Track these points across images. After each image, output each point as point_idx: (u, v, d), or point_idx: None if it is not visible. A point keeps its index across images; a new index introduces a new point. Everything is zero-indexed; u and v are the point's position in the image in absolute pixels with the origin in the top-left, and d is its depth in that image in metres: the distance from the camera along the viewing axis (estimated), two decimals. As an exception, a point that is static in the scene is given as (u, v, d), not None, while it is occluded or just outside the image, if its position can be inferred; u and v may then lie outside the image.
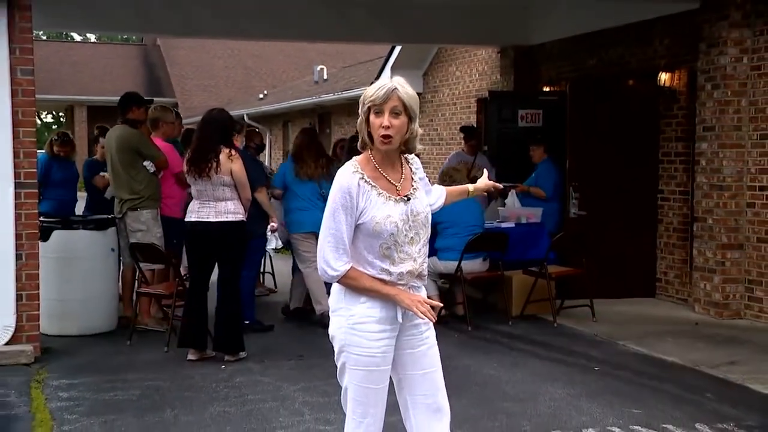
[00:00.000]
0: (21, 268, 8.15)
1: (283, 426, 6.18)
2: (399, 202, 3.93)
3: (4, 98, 8.01)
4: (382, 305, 3.92)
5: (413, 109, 3.87)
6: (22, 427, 6.22)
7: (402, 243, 3.92)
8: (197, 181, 7.91)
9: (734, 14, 9.84)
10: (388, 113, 3.81)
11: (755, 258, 9.88)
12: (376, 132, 3.85)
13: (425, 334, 4.05)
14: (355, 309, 3.93)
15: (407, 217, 3.92)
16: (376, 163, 3.94)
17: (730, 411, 6.55)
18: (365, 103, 3.88)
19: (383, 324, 3.92)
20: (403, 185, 3.98)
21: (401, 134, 3.87)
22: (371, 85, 3.94)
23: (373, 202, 3.87)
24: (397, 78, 3.91)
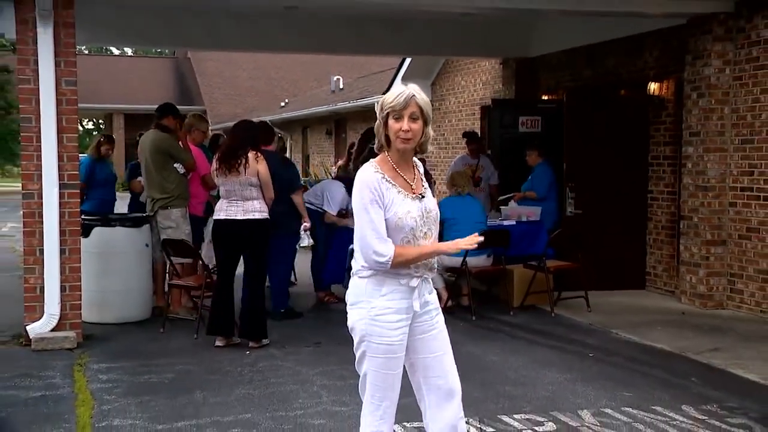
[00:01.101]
0: (64, 262, 8.18)
1: (302, 407, 6.18)
2: (415, 200, 3.96)
3: (50, 107, 8.04)
4: (401, 296, 3.94)
5: (428, 114, 3.92)
6: (66, 406, 6.23)
7: (419, 237, 3.95)
8: (226, 180, 7.93)
9: (717, 29, 9.83)
10: (407, 118, 3.84)
11: (737, 253, 9.86)
12: (395, 135, 3.89)
13: (435, 319, 4.06)
14: (375, 302, 3.93)
15: (422, 213, 3.96)
16: (394, 164, 3.97)
17: (713, 393, 6.53)
18: (384, 109, 3.90)
19: (401, 314, 3.93)
20: (416, 184, 4.01)
21: (418, 137, 3.90)
22: (387, 92, 3.96)
23: (395, 199, 3.90)
24: (412, 85, 3.93)
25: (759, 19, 9.48)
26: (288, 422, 5.82)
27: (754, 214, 9.61)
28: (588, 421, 5.85)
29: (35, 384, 6.85)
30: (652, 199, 11.37)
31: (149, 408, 6.17)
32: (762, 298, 9.50)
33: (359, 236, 3.97)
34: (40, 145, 8.07)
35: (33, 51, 8.01)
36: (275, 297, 9.44)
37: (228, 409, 6.13)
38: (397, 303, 3.94)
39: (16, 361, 7.60)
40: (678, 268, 10.59)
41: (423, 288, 4.02)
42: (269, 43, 14.57)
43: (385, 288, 3.94)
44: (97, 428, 5.73)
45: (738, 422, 5.86)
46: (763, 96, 9.44)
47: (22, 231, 8.39)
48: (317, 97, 29.44)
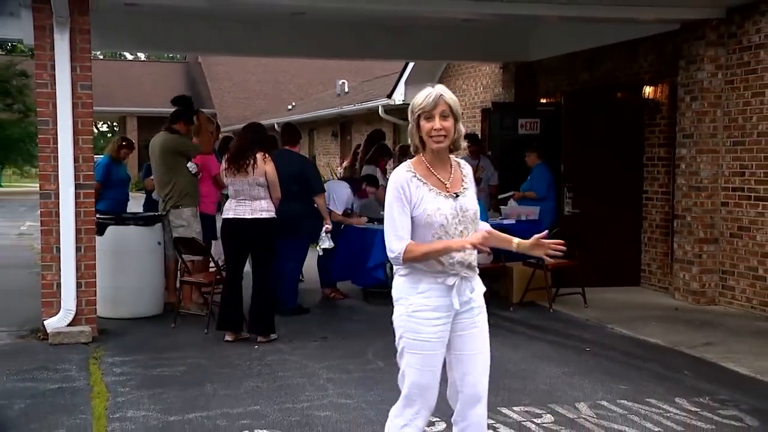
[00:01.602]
0: (80, 260, 8.20)
1: (309, 399, 6.19)
2: (449, 198, 3.89)
3: (66, 110, 8.05)
4: (438, 294, 3.89)
5: (458, 111, 3.88)
6: (82, 398, 6.25)
7: (452, 235, 3.88)
8: (235, 179, 7.94)
9: (710, 35, 9.83)
10: (438, 117, 3.80)
11: (728, 251, 9.86)
12: (428, 135, 3.84)
13: (476, 318, 4.01)
14: (412, 299, 3.90)
15: (456, 212, 3.89)
16: (428, 164, 3.92)
17: (705, 386, 6.54)
18: (415, 111, 3.86)
19: (438, 312, 3.88)
20: (452, 183, 3.94)
21: (451, 134, 3.85)
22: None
23: (425, 197, 3.85)
24: (439, 86, 3.90)
25: (750, 24, 9.48)
26: (295, 414, 5.83)
27: (745, 213, 9.60)
28: (585, 413, 5.85)
29: (52, 376, 6.87)
30: (646, 199, 11.37)
31: (161, 400, 6.18)
32: (752, 295, 9.50)
33: (384, 234, 3.96)
34: (56, 146, 8.09)
35: (50, 56, 8.03)
36: (285, 294, 9.46)
37: (237, 402, 6.13)
38: (434, 301, 3.89)
39: (34, 354, 7.61)
40: (672, 265, 10.59)
41: (463, 286, 3.95)
42: (277, 48, 14.56)
43: (422, 285, 3.90)
44: (111, 419, 5.74)
45: (729, 414, 5.87)
46: (754, 99, 9.44)
47: (39, 230, 8.39)
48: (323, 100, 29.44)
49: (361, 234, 9.98)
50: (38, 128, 8.29)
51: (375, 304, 9.93)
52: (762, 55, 9.34)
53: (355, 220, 10.26)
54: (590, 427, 5.59)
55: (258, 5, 8.94)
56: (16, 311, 9.32)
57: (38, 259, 8.80)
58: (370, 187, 10.75)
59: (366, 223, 10.20)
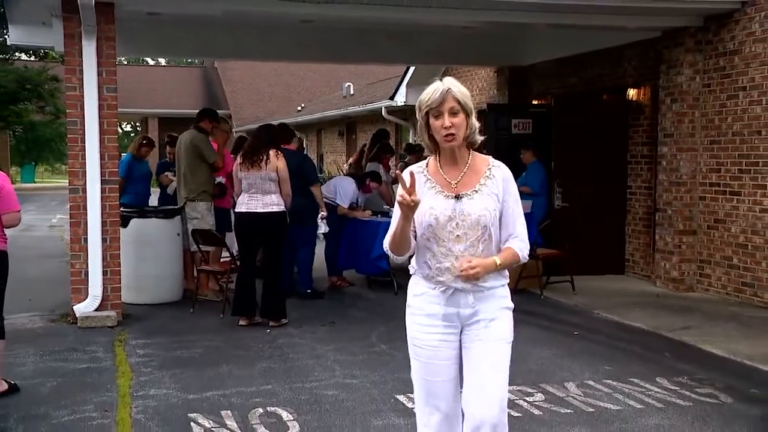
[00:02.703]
0: (106, 250, 8.22)
1: (317, 380, 6.20)
2: (448, 199, 3.38)
3: (93, 111, 8.07)
4: (431, 300, 3.43)
5: (468, 105, 3.36)
6: (108, 377, 6.27)
7: (443, 238, 3.36)
8: (248, 173, 7.95)
9: (689, 41, 9.82)
10: (446, 114, 3.31)
11: (705, 242, 9.86)
12: (439, 133, 3.36)
13: (482, 332, 3.44)
14: (411, 301, 3.51)
15: (454, 215, 3.36)
16: (440, 162, 3.46)
17: (684, 367, 6.55)
18: (422, 108, 3.37)
19: (433, 319, 3.42)
20: (461, 183, 3.41)
21: (463, 131, 3.36)
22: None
23: (424, 195, 3.38)
24: (448, 79, 3.39)
25: (725, 32, 9.48)
26: (305, 393, 5.84)
27: (721, 207, 9.60)
28: (573, 392, 5.87)
29: (81, 357, 6.91)
30: (630, 194, 11.36)
31: (181, 379, 6.21)
32: (727, 282, 9.51)
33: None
34: (84, 145, 8.11)
35: (79, 62, 8.05)
36: (302, 279, 9.49)
37: (251, 381, 6.15)
38: (429, 307, 3.43)
39: (64, 337, 7.65)
40: (653, 255, 10.59)
41: (459, 297, 3.41)
42: (287, 54, 14.56)
43: (419, 287, 3.48)
44: (135, 397, 5.76)
45: (705, 392, 5.88)
46: (729, 101, 9.44)
47: (69, 222, 8.42)
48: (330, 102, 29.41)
49: (365, 226, 9.99)
50: (67, 128, 8.32)
51: (378, 291, 9.95)
52: (736, 60, 9.34)
53: (359, 213, 10.27)
54: (578, 404, 5.60)
55: (270, 13, 8.93)
56: (48, 297, 9.35)
57: (68, 249, 8.82)
58: (373, 182, 10.75)
59: (370, 216, 10.22)
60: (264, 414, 5.37)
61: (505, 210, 3.43)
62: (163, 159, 11.91)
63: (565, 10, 9.17)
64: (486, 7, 9.00)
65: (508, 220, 3.45)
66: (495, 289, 3.46)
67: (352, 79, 28.36)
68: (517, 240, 3.45)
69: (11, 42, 12.28)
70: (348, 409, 5.49)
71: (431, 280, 3.42)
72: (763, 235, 9.04)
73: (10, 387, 5.84)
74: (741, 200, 9.33)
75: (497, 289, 3.47)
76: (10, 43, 14.49)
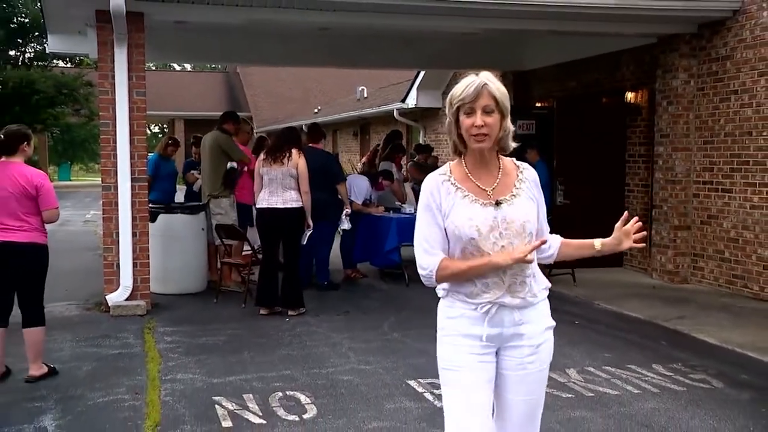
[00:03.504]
0: (135, 243, 8.26)
1: (333, 365, 6.20)
2: (487, 206, 2.82)
3: (124, 113, 8.10)
4: (471, 322, 2.85)
5: (505, 105, 2.82)
6: (139, 362, 6.30)
7: (487, 250, 2.80)
8: (271, 169, 7.97)
9: (683, 47, 9.79)
10: (480, 111, 2.76)
11: (699, 237, 9.83)
12: (468, 132, 2.80)
13: (526, 359, 2.90)
14: (445, 323, 2.93)
15: (496, 223, 2.80)
16: (467, 167, 2.89)
17: (679, 354, 6.53)
18: (454, 103, 2.80)
19: (472, 339, 2.85)
20: (497, 189, 2.86)
21: (495, 133, 2.80)
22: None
23: (457, 205, 2.83)
24: (485, 73, 2.81)
25: (717, 39, 9.43)
26: (321, 378, 5.85)
27: (714, 203, 9.57)
28: (574, 378, 5.85)
29: (113, 343, 6.95)
30: (628, 191, 11.33)
31: (206, 365, 6.23)
32: (719, 275, 9.47)
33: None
34: (115, 145, 8.14)
35: (111, 68, 8.08)
36: (319, 272, 9.50)
37: (271, 367, 6.16)
38: (467, 328, 2.86)
39: (98, 324, 7.69)
40: (650, 249, 10.55)
41: (501, 315, 2.85)
42: (305, 59, 14.60)
43: (454, 310, 2.89)
44: (164, 381, 5.79)
45: (699, 378, 5.87)
46: (722, 104, 9.39)
47: (101, 217, 8.46)
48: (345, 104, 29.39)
49: (379, 221, 9.99)
50: (100, 129, 8.37)
51: (390, 283, 9.95)
52: (728, 65, 9.30)
53: (372, 209, 10.28)
54: (578, 389, 5.59)
55: (288, 22, 8.94)
56: (83, 287, 9.39)
57: (101, 242, 8.87)
58: (386, 180, 10.76)
59: (383, 212, 10.22)
60: (283, 397, 5.38)
61: (540, 213, 2.98)
62: (189, 158, 11.94)
63: (566, 18, 9.14)
64: (491, 15, 8.97)
65: (543, 222, 3.01)
66: (540, 304, 2.95)
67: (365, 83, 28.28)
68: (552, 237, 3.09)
69: (50, 50, 12.41)
70: (362, 393, 5.50)
71: (475, 297, 2.85)
72: (753, 230, 9.00)
73: (50, 370, 5.89)
74: (732, 197, 9.29)
75: (541, 303, 2.96)
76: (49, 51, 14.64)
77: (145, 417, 5.00)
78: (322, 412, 5.09)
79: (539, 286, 2.96)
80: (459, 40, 11.74)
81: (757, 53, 8.91)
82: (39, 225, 5.68)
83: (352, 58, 13.80)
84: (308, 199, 8.04)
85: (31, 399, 5.38)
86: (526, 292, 2.88)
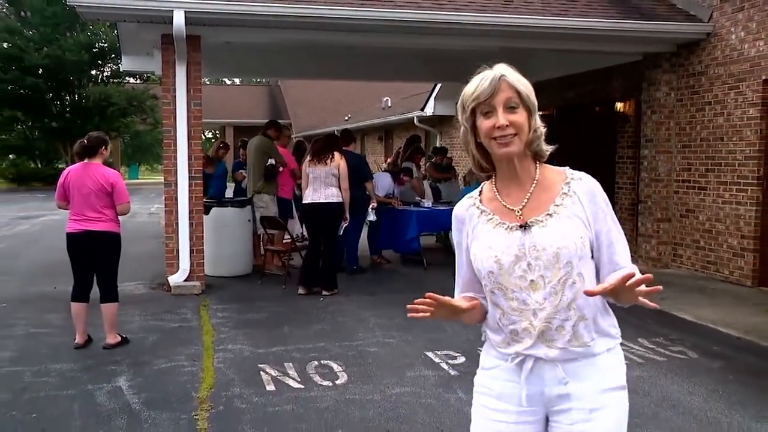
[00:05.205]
0: (192, 232, 8.33)
1: (361, 339, 6.23)
2: (512, 231, 1.92)
3: (183, 121, 8.17)
4: (506, 377, 1.96)
5: (531, 99, 1.93)
6: (195, 334, 6.37)
7: (511, 287, 1.91)
8: (315, 168, 7.99)
9: (665, 64, 9.73)
10: (501, 108, 1.88)
11: (678, 228, 9.76)
12: (489, 137, 1.90)
13: (575, 427, 1.90)
14: (479, 374, 2.06)
15: (522, 252, 1.90)
16: (496, 183, 2.00)
17: (661, 330, 6.51)
18: (467, 105, 1.93)
19: (506, 403, 1.96)
20: (527, 207, 1.94)
21: (524, 133, 1.91)
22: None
23: (479, 231, 1.98)
24: (500, 65, 1.97)
25: (694, 57, 9.37)
26: (351, 350, 5.88)
27: (691, 199, 9.49)
28: (567, 350, 5.85)
29: (174, 318, 7.02)
30: (618, 188, 11.26)
31: (252, 337, 6.28)
32: (695, 261, 9.40)
33: None
34: (176, 148, 8.21)
35: (172, 83, 8.15)
36: (349, 258, 9.52)
37: (307, 340, 6.20)
38: (501, 385, 1.98)
39: (161, 301, 7.78)
40: (636, 238, 10.49)
41: (542, 372, 1.93)
42: (336, 73, 14.65)
43: (489, 361, 2.04)
44: (216, 350, 5.85)
45: (677, 349, 5.86)
46: (698, 113, 9.32)
47: (163, 210, 8.55)
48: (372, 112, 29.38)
49: (402, 213, 10.01)
50: (163, 135, 8.44)
51: (411, 267, 9.96)
52: (703, 80, 9.23)
53: (394, 201, 10.31)
54: (572, 360, 5.59)
55: (322, 41, 8.97)
56: (149, 270, 9.51)
57: (163, 231, 8.97)
58: (406, 176, 10.81)
59: (402, 206, 10.24)
60: (318, 366, 5.42)
61: (601, 236, 1.95)
62: (237, 159, 12.04)
63: (566, 38, 9.11)
64: (499, 35, 8.96)
65: (612, 249, 1.97)
66: (597, 357, 1.95)
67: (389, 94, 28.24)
68: (629, 269, 1.99)
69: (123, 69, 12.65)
70: (386, 362, 5.52)
71: (505, 347, 1.98)
72: (724, 222, 8.93)
73: (123, 339, 5.99)
74: (707, 194, 9.22)
75: (600, 357, 1.95)
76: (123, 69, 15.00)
77: (201, 381, 5.07)
78: (352, 378, 5.12)
79: (593, 332, 1.94)
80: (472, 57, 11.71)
81: (727, 70, 8.84)
82: (114, 217, 5.78)
83: (377, 72, 13.82)
84: (348, 195, 8.07)
85: (108, 363, 5.48)
86: (566, 340, 1.90)
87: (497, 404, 1.97)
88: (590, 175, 2.02)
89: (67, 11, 29.76)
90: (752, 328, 6.49)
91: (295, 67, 13.22)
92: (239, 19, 7.98)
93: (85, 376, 5.17)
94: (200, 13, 7.76)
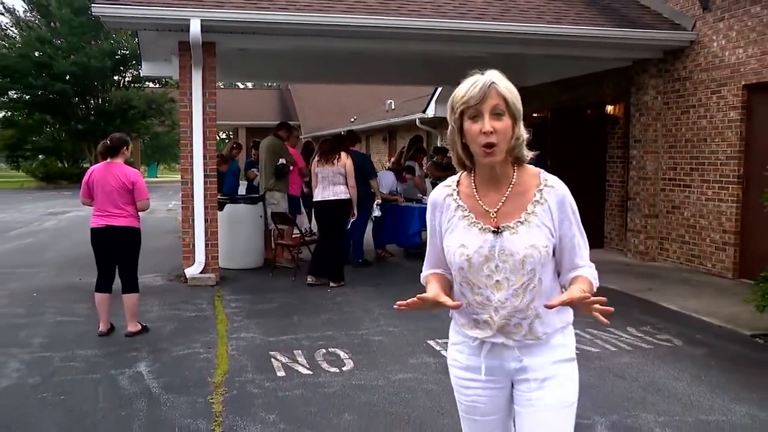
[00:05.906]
0: (207, 227, 8.33)
1: (366, 328, 6.24)
2: (485, 232, 1.97)
3: (198, 123, 8.17)
4: (470, 352, 2.08)
5: (517, 107, 1.96)
6: (210, 323, 6.38)
7: (478, 284, 1.99)
8: (323, 168, 8.00)
9: (652, 69, 9.70)
10: (488, 115, 1.90)
11: (665, 223, 9.75)
12: (476, 142, 1.92)
13: (533, 394, 2.02)
14: (449, 351, 2.18)
15: (491, 254, 1.96)
16: (475, 181, 2.03)
17: (648, 319, 6.51)
18: (456, 107, 1.94)
19: (473, 372, 2.08)
20: (502, 211, 1.98)
21: (506, 140, 1.93)
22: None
23: (454, 225, 2.03)
24: (491, 71, 1.98)
25: (679, 63, 9.36)
26: (357, 338, 5.89)
27: (677, 196, 9.48)
28: (560, 338, 5.86)
29: (190, 308, 7.04)
30: (608, 186, 11.25)
31: (263, 326, 6.29)
32: (681, 254, 9.40)
33: None
34: (192, 148, 8.22)
35: (189, 86, 8.16)
36: (355, 251, 9.51)
37: (316, 328, 6.21)
38: (466, 358, 2.10)
39: (178, 292, 7.80)
40: (626, 233, 10.50)
41: (500, 351, 2.04)
42: (342, 77, 14.66)
43: (456, 337, 2.15)
44: (230, 338, 5.87)
45: (663, 337, 5.87)
46: (683, 116, 9.31)
47: (180, 207, 8.57)
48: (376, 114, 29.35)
49: (404, 210, 10.02)
50: (180, 136, 8.45)
51: (413, 261, 9.95)
52: (687, 84, 9.22)
53: (399, 198, 10.33)
54: (564, 348, 5.60)
55: (328, 47, 8.98)
56: (167, 262, 9.52)
57: (180, 226, 8.99)
58: (408, 174, 10.83)
59: (404, 203, 10.25)
60: (326, 353, 5.44)
61: (565, 240, 2.05)
62: (250, 159, 12.05)
63: (560, 44, 9.09)
64: (496, 41, 8.96)
65: (574, 252, 2.08)
66: (549, 337, 2.05)
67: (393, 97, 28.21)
68: (587, 268, 2.13)
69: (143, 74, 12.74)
70: (390, 350, 5.54)
71: (468, 330, 2.08)
72: (707, 218, 8.92)
73: (143, 327, 6.02)
74: (691, 191, 9.21)
75: (552, 336, 2.06)
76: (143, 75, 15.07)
77: (216, 367, 5.09)
78: (358, 365, 5.14)
79: (547, 327, 2.03)
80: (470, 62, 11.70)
81: (710, 75, 8.83)
82: (134, 212, 5.81)
83: (381, 76, 13.81)
84: (355, 192, 8.08)
85: (129, 350, 5.51)
86: (522, 335, 2.02)
87: (465, 374, 2.11)
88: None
89: (93, 21, 30.06)
90: (732, 318, 6.49)
91: (304, 72, 13.23)
92: (252, 27, 7.98)
93: (108, 362, 5.20)
94: (215, 22, 7.77)
